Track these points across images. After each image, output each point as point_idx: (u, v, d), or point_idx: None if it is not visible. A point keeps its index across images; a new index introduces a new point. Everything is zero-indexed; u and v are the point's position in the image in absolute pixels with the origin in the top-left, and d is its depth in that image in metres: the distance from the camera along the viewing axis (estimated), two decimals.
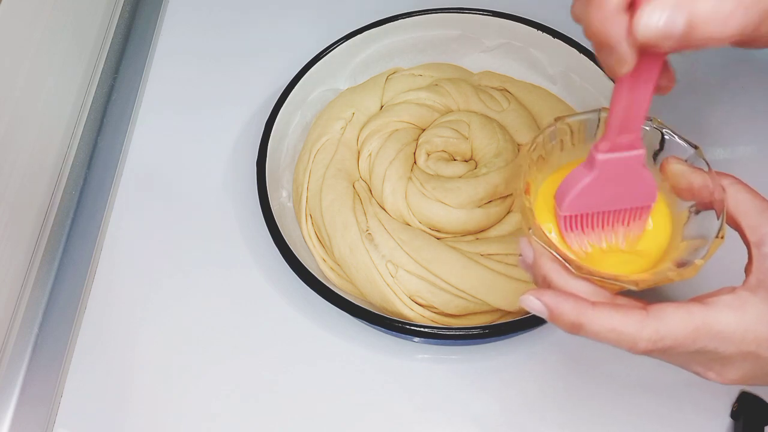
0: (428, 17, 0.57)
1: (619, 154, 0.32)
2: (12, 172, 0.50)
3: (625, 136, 0.32)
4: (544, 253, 0.33)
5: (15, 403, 0.48)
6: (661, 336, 0.30)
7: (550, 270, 0.32)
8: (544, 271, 0.32)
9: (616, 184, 0.33)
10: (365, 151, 0.53)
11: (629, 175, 0.33)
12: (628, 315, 0.30)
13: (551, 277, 0.32)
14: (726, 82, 0.59)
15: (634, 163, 0.33)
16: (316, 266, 0.50)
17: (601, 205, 0.34)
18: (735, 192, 0.33)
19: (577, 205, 0.34)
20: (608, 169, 0.33)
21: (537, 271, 0.33)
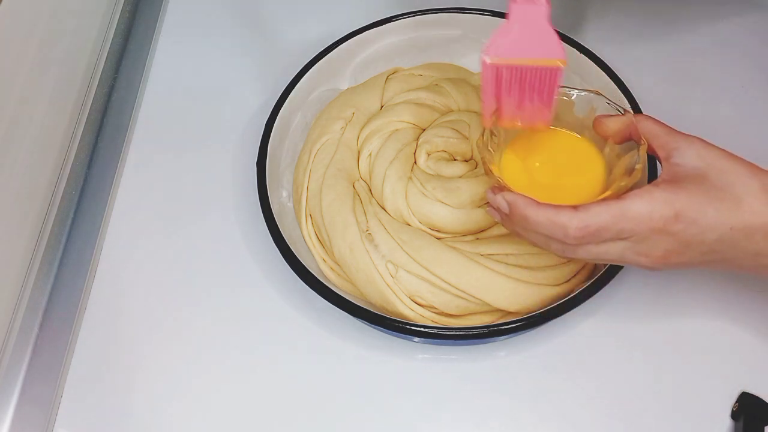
0: (428, 17, 0.57)
1: (529, 5, 0.40)
2: (12, 172, 0.50)
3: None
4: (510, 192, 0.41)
5: (15, 404, 0.48)
6: (586, 223, 0.37)
7: (516, 199, 0.40)
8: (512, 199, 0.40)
9: (527, 33, 0.40)
10: (365, 151, 0.53)
11: (538, 25, 0.40)
12: (562, 209, 0.38)
13: (517, 203, 0.40)
14: None
15: (539, 14, 0.40)
16: (316, 266, 0.50)
17: (517, 52, 0.40)
18: (645, 123, 0.41)
19: (497, 49, 0.40)
20: (521, 16, 0.40)
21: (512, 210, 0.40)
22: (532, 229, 0.39)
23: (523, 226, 0.40)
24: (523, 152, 0.45)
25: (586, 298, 0.44)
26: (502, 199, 0.40)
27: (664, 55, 0.61)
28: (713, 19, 0.63)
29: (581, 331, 0.48)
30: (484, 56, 0.41)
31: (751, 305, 0.48)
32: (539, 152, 0.45)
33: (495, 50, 0.40)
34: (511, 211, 0.40)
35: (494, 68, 0.41)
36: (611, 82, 0.53)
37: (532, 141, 0.45)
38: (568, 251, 0.39)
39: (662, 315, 0.49)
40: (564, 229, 0.38)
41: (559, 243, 0.39)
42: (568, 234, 0.38)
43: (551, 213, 0.38)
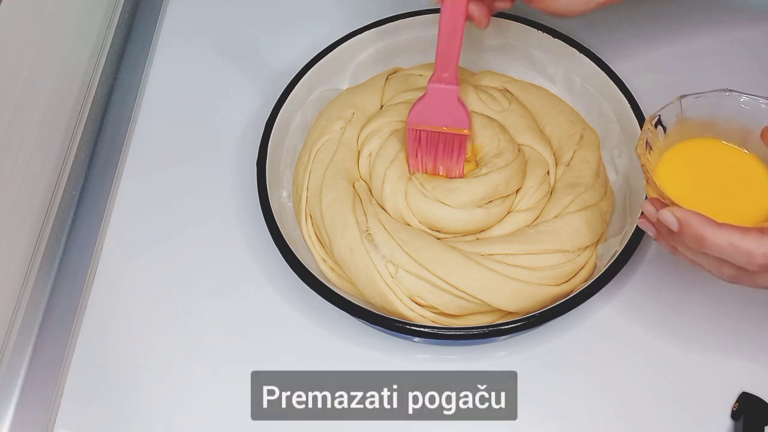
0: (428, 17, 0.57)
1: (441, 85, 0.48)
2: (12, 172, 0.50)
3: (444, 73, 0.48)
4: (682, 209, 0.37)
5: (15, 404, 0.48)
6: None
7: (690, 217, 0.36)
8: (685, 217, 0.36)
9: (440, 106, 0.49)
10: (365, 151, 0.53)
11: (448, 101, 0.49)
12: (747, 232, 0.34)
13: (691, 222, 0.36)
14: None
15: (450, 94, 0.49)
16: (316, 266, 0.50)
17: (432, 120, 0.49)
18: None
19: (417, 118, 0.49)
20: (434, 94, 0.49)
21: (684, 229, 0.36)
22: (705, 252, 0.36)
23: (695, 247, 0.36)
24: (681, 163, 0.42)
25: (586, 298, 0.44)
26: (670, 215, 0.36)
27: (665, 56, 0.61)
28: (715, 19, 0.63)
29: (581, 331, 0.48)
30: (410, 120, 0.49)
31: (752, 305, 0.48)
32: (699, 164, 0.42)
33: (416, 118, 0.50)
34: (683, 230, 0.36)
35: (414, 131, 0.50)
36: (611, 82, 0.53)
37: (692, 151, 0.42)
38: (742, 278, 0.36)
39: (662, 315, 0.49)
40: (749, 255, 0.34)
41: (737, 269, 0.36)
42: (753, 261, 0.34)
43: (735, 236, 0.34)
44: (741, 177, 0.41)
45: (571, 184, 0.51)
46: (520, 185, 0.51)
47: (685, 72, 0.60)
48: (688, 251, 0.37)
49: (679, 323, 0.48)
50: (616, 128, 0.53)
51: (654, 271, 0.50)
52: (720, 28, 0.62)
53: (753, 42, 0.61)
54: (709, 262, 0.37)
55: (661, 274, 0.50)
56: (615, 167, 0.53)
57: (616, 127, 0.53)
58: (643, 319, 0.48)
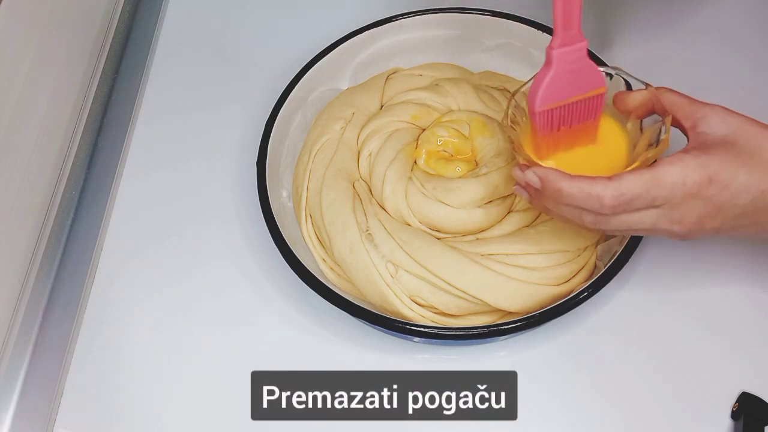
0: (428, 17, 0.57)
1: (568, 48, 0.40)
2: (12, 172, 0.50)
3: (568, 32, 0.40)
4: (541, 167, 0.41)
5: (15, 403, 0.48)
6: (621, 192, 0.37)
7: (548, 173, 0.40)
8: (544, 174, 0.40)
9: (570, 74, 0.41)
10: (365, 151, 0.53)
11: (578, 63, 0.41)
12: (596, 180, 0.38)
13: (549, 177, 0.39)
14: None
15: (580, 53, 0.41)
16: (316, 266, 0.50)
17: (564, 95, 0.42)
18: (668, 95, 0.42)
19: (546, 98, 0.41)
20: (563, 61, 0.41)
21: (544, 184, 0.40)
22: (564, 203, 0.39)
23: (555, 200, 0.40)
24: None
25: (586, 298, 0.44)
26: (532, 175, 0.40)
27: (665, 55, 0.61)
28: (714, 15, 0.63)
29: (581, 331, 0.48)
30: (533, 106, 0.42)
31: (752, 305, 0.48)
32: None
33: (546, 98, 0.42)
34: (543, 185, 0.40)
35: (545, 114, 0.42)
36: None
37: None
38: (601, 222, 0.39)
39: (662, 315, 0.49)
40: (599, 199, 0.38)
41: (593, 214, 0.39)
42: (603, 204, 0.38)
43: (585, 184, 0.38)
44: (600, 137, 0.45)
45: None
46: None
47: (686, 72, 0.60)
48: (552, 205, 0.41)
49: (678, 323, 0.48)
50: None
51: (654, 271, 0.50)
52: (722, 23, 0.62)
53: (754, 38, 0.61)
54: (571, 212, 0.40)
55: (661, 275, 0.50)
56: None
57: None
58: (642, 319, 0.48)
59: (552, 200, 0.40)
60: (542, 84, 0.41)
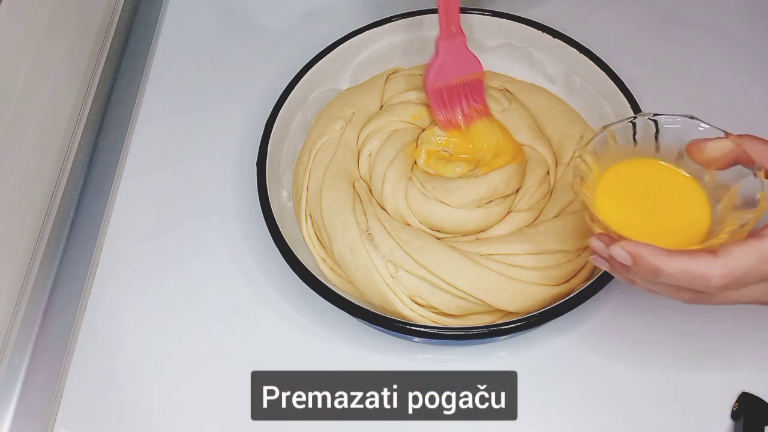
0: (428, 17, 0.57)
1: (451, 40, 0.52)
2: (12, 172, 0.50)
3: (449, 28, 0.51)
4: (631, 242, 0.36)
5: (15, 403, 0.48)
6: (730, 269, 0.34)
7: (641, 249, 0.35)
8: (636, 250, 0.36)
9: (454, 60, 0.53)
10: (365, 151, 0.53)
11: (460, 52, 0.53)
12: (698, 257, 0.34)
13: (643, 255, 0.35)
14: None
15: (460, 45, 0.52)
16: (316, 266, 0.50)
17: (450, 76, 0.53)
18: (754, 144, 0.38)
19: (436, 77, 0.53)
20: (447, 51, 0.52)
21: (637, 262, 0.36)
22: (661, 282, 0.36)
23: (651, 278, 0.36)
24: (616, 189, 0.41)
25: (586, 298, 0.44)
26: (621, 251, 0.36)
27: (666, 55, 0.61)
28: (715, 17, 0.63)
29: (581, 331, 0.48)
30: (426, 83, 0.53)
31: (752, 305, 0.48)
32: (634, 188, 0.41)
33: (434, 78, 0.53)
34: (636, 263, 0.35)
35: (436, 90, 0.53)
36: (611, 82, 0.53)
37: (625, 176, 0.42)
38: (702, 299, 0.36)
39: (662, 315, 0.49)
40: (704, 279, 0.34)
41: (695, 293, 0.36)
42: (709, 284, 0.34)
43: (688, 262, 0.34)
44: (676, 195, 0.41)
45: (571, 184, 0.51)
46: (520, 185, 0.51)
47: (686, 71, 0.60)
48: (645, 282, 0.37)
49: (679, 323, 0.48)
50: None
51: None
52: (723, 25, 0.62)
53: (754, 41, 0.61)
54: (667, 289, 0.37)
55: None
56: None
57: None
58: (643, 319, 0.48)
59: (645, 277, 0.36)
60: (433, 66, 0.52)
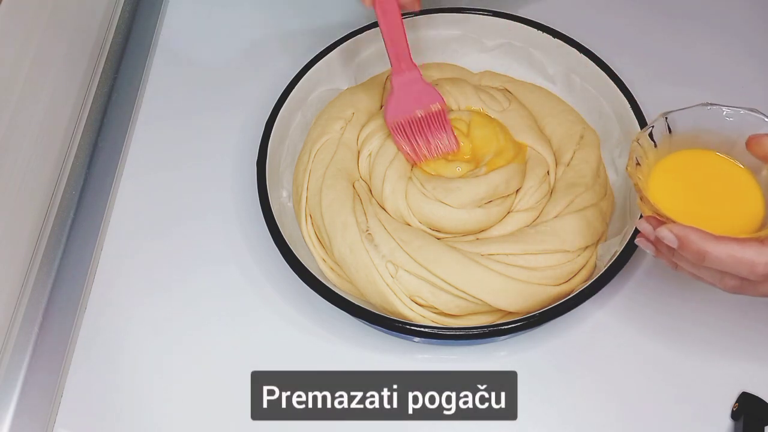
0: (428, 17, 0.57)
1: (403, 75, 0.51)
2: (12, 172, 0.50)
3: (400, 63, 0.51)
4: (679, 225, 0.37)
5: (15, 403, 0.48)
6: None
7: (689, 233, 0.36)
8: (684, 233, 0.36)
9: (410, 95, 0.51)
10: (365, 151, 0.53)
11: (415, 86, 0.51)
12: (747, 243, 0.35)
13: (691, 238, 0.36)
14: None
15: (414, 78, 0.51)
16: (316, 266, 0.50)
17: (409, 110, 0.51)
18: None
19: (394, 114, 0.51)
20: (401, 86, 0.51)
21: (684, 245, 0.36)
22: (707, 266, 0.36)
23: (697, 262, 0.36)
24: (671, 177, 0.42)
25: (586, 298, 0.44)
26: (668, 233, 0.36)
27: (666, 55, 0.61)
28: (715, 16, 0.63)
29: (581, 331, 0.48)
30: (387, 122, 0.51)
31: (752, 305, 0.48)
32: (688, 176, 0.42)
33: (393, 114, 0.51)
34: (683, 245, 0.36)
35: (398, 126, 0.51)
36: (611, 82, 0.53)
37: (679, 164, 0.43)
38: (745, 288, 0.36)
39: (662, 315, 0.49)
40: (751, 265, 0.34)
41: (739, 280, 0.36)
42: (755, 271, 0.34)
43: (735, 248, 0.35)
44: (730, 186, 0.42)
45: (571, 184, 0.51)
46: (520, 185, 0.51)
47: (686, 71, 0.60)
48: (689, 266, 0.38)
49: (679, 323, 0.48)
50: (616, 128, 0.53)
51: (654, 271, 0.50)
52: (724, 23, 0.62)
53: (755, 40, 0.61)
54: (711, 274, 0.37)
55: (662, 274, 0.50)
56: (615, 167, 0.53)
57: (616, 127, 0.53)
58: (643, 319, 0.48)
59: (690, 261, 0.37)
60: (390, 103, 0.51)
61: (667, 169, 0.42)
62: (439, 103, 0.51)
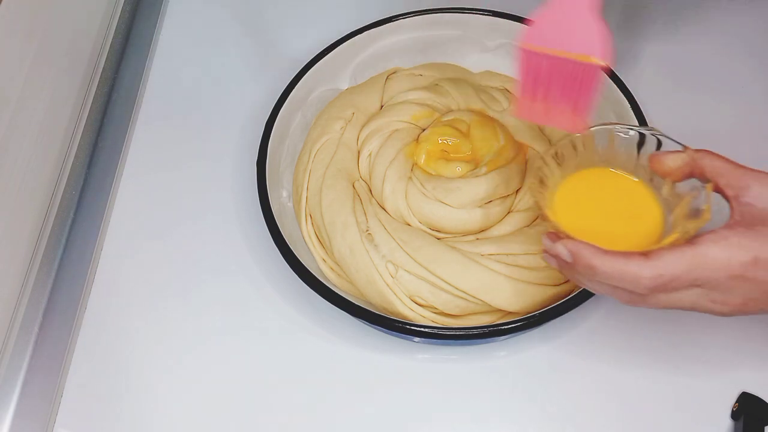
0: (428, 17, 0.57)
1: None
2: (12, 172, 0.50)
3: None
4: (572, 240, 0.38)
5: (15, 403, 0.48)
6: (660, 272, 0.35)
7: (579, 248, 0.37)
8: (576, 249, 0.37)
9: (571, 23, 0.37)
10: (365, 151, 0.53)
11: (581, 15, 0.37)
12: (632, 258, 0.36)
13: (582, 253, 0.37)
14: None
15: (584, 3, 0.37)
16: (316, 266, 0.50)
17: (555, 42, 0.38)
18: (709, 159, 0.38)
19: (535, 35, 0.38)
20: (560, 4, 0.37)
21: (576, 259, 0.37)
22: (598, 280, 0.37)
23: (588, 276, 0.37)
24: (575, 194, 0.43)
25: (586, 298, 0.44)
26: (563, 248, 0.38)
27: (665, 55, 0.61)
28: (715, 16, 0.63)
29: (581, 331, 0.48)
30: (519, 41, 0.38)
31: None
32: (592, 194, 0.43)
33: (531, 35, 0.38)
34: (575, 260, 0.37)
35: (527, 54, 0.38)
36: (611, 82, 0.53)
37: (584, 182, 0.44)
38: (636, 300, 0.37)
39: (662, 315, 0.48)
40: (635, 279, 0.35)
41: (628, 293, 0.37)
42: (639, 284, 0.35)
43: (621, 262, 0.36)
44: (631, 202, 0.42)
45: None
46: (520, 185, 0.51)
47: (686, 71, 0.60)
48: (584, 279, 0.38)
49: (679, 323, 0.48)
50: None
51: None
52: (724, 24, 0.62)
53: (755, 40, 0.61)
54: (604, 288, 0.38)
55: None
56: None
57: None
58: (643, 318, 0.48)
59: (584, 275, 0.38)
60: (536, 20, 0.38)
61: (572, 187, 0.43)
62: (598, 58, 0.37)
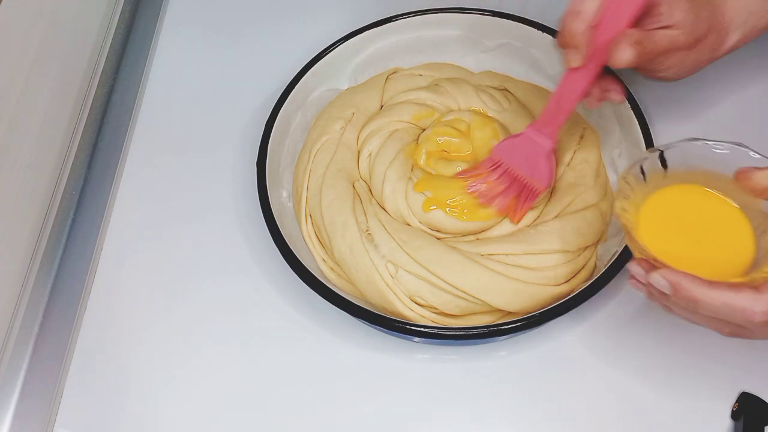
0: (428, 17, 0.57)
1: (535, 136, 0.48)
2: (12, 171, 0.50)
3: (547, 128, 0.48)
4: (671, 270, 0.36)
5: (15, 403, 0.48)
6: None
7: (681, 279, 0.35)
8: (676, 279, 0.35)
9: (526, 155, 0.49)
10: (365, 151, 0.53)
11: (535, 154, 0.48)
12: (741, 291, 0.34)
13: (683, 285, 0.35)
14: None
15: (540, 148, 0.48)
16: (316, 266, 0.50)
17: (512, 161, 0.49)
18: None
19: (500, 150, 0.50)
20: (527, 139, 0.49)
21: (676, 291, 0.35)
22: (700, 313, 0.35)
23: (690, 308, 0.35)
24: (661, 214, 0.41)
25: (586, 298, 0.44)
26: (661, 279, 0.35)
27: None
28: None
29: (581, 331, 0.48)
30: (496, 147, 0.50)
31: None
32: (678, 214, 0.41)
33: (501, 150, 0.49)
34: (675, 292, 0.35)
35: (494, 162, 0.49)
36: None
37: (669, 201, 0.42)
38: (742, 333, 0.36)
39: (662, 315, 0.48)
40: (746, 314, 0.33)
41: (735, 326, 0.35)
42: (752, 320, 0.33)
43: (730, 296, 0.34)
44: (720, 224, 0.40)
45: (571, 184, 0.51)
46: None
47: None
48: (683, 311, 0.37)
49: (679, 323, 0.48)
50: (616, 128, 0.53)
51: None
52: None
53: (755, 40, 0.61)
54: (705, 320, 0.36)
55: None
56: (615, 168, 0.53)
57: (616, 127, 0.53)
58: (643, 318, 0.48)
59: (683, 307, 0.36)
60: (506, 139, 0.50)
61: (656, 206, 0.41)
62: (542, 188, 0.48)
